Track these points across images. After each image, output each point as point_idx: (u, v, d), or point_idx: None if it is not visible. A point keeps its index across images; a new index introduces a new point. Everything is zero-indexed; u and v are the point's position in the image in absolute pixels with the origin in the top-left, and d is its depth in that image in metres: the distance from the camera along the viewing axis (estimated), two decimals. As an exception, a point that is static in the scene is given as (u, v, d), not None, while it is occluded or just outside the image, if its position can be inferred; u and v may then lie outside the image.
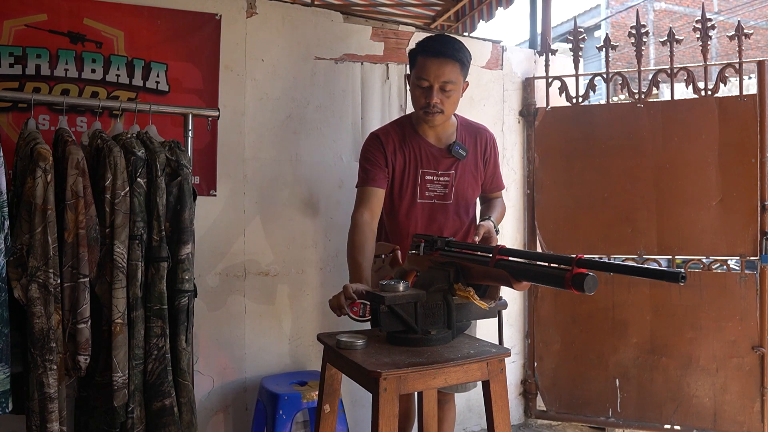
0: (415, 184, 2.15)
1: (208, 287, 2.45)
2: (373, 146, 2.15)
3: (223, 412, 2.51)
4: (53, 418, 1.66)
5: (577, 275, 1.27)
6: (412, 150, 2.15)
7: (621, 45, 3.80)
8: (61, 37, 2.23)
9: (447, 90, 2.03)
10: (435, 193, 2.17)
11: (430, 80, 2.01)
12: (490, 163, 2.25)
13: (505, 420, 1.53)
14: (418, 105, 2.08)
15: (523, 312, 3.18)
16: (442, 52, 2.01)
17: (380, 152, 2.13)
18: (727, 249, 2.82)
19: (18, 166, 1.77)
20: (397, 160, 2.14)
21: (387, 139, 2.15)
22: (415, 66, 2.07)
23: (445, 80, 2.01)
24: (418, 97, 2.06)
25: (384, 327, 1.56)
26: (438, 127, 2.14)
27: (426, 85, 2.03)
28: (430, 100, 2.02)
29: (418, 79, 2.05)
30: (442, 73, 2.00)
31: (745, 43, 2.86)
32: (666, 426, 2.91)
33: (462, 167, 2.18)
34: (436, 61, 2.01)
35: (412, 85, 2.10)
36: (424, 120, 2.10)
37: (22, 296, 1.66)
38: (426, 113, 2.06)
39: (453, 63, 2.02)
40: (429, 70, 2.01)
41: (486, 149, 2.23)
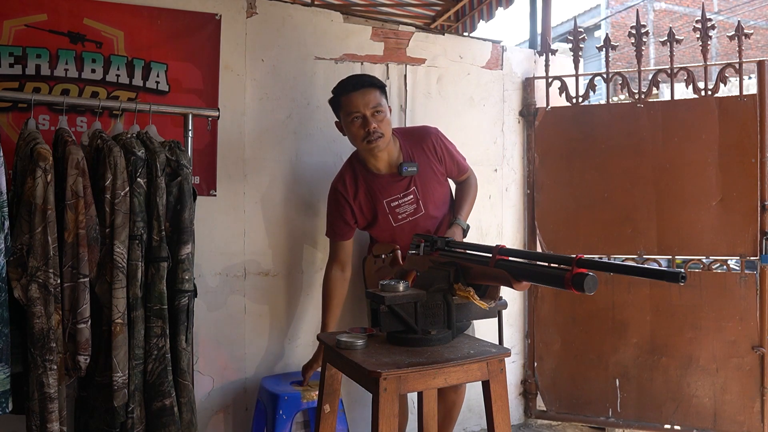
0: (385, 213, 2.28)
1: (208, 287, 2.45)
2: (333, 199, 2.33)
3: (223, 412, 2.51)
4: (53, 418, 1.66)
5: (577, 275, 1.27)
6: (369, 187, 2.28)
7: (621, 45, 3.80)
8: (61, 37, 2.23)
9: (379, 113, 2.16)
10: (406, 212, 2.28)
11: (361, 111, 2.15)
12: (445, 158, 2.33)
13: (505, 420, 1.53)
14: (359, 139, 2.18)
15: (523, 312, 3.18)
16: (361, 83, 2.19)
17: (342, 204, 2.29)
18: (727, 249, 2.82)
19: (18, 166, 1.77)
20: (361, 201, 2.29)
21: (345, 188, 2.29)
22: (341, 107, 2.21)
23: (374, 105, 2.15)
24: (356, 131, 2.17)
25: (384, 327, 1.56)
26: (383, 152, 2.22)
27: (360, 117, 2.15)
28: (368, 127, 2.14)
29: (349, 116, 2.17)
30: (369, 100, 2.15)
31: (745, 43, 2.86)
32: (666, 426, 2.91)
33: (420, 179, 2.28)
34: (359, 93, 2.16)
35: (346, 126, 2.22)
36: (369, 151, 2.20)
37: (22, 296, 1.66)
38: (369, 142, 2.16)
39: (374, 89, 2.18)
40: (356, 102, 2.15)
41: (435, 150, 2.31)
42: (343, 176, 2.33)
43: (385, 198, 2.27)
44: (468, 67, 3.05)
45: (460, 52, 3.04)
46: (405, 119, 2.88)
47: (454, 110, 3.01)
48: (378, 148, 2.18)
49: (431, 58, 2.95)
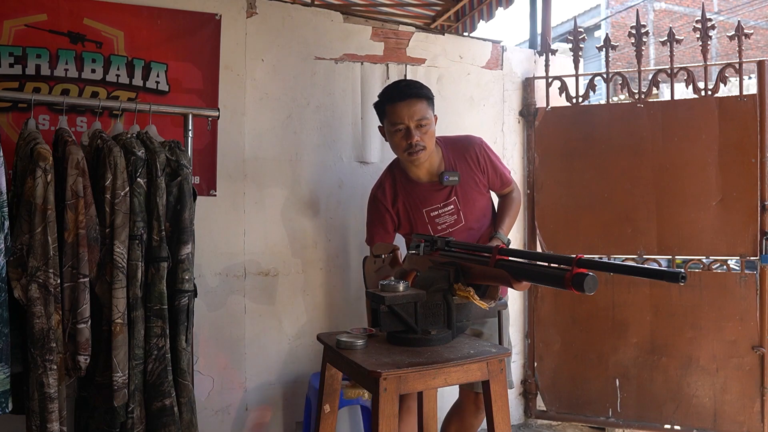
0: (424, 223, 2.20)
1: (208, 287, 2.45)
2: (373, 207, 2.27)
3: (223, 412, 2.51)
4: (53, 418, 1.66)
5: (577, 275, 1.27)
6: (408, 195, 2.21)
7: (621, 45, 3.80)
8: (61, 37, 2.23)
9: (423, 126, 2.09)
10: (446, 223, 2.21)
11: (405, 122, 2.08)
12: (488, 169, 2.26)
13: (505, 420, 1.53)
14: (400, 150, 2.14)
15: (523, 312, 3.18)
16: (408, 94, 2.10)
17: (382, 211, 2.23)
18: (727, 249, 2.82)
19: (18, 166, 1.77)
20: (400, 209, 2.22)
21: (384, 195, 2.24)
22: (386, 115, 2.14)
23: (419, 117, 2.08)
24: (399, 142, 2.11)
25: (384, 327, 1.56)
26: (425, 163, 2.17)
27: (403, 128, 2.09)
28: (410, 140, 2.07)
29: (393, 126, 2.11)
30: (414, 112, 2.07)
31: (745, 43, 2.86)
32: (666, 426, 2.91)
33: (461, 189, 2.20)
34: (405, 103, 2.08)
35: (389, 134, 2.16)
36: (410, 161, 2.15)
37: (22, 296, 1.66)
38: (410, 154, 2.10)
39: (420, 100, 2.10)
40: (401, 113, 2.08)
41: (479, 161, 2.24)
42: (383, 183, 2.27)
43: (425, 207, 2.20)
44: (468, 67, 3.05)
45: (460, 52, 3.04)
46: (405, 119, 2.88)
47: (454, 110, 3.01)
48: (419, 161, 2.13)
49: (431, 58, 2.95)
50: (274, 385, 2.61)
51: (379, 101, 2.19)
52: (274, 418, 2.62)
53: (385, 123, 2.18)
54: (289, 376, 2.63)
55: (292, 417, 2.65)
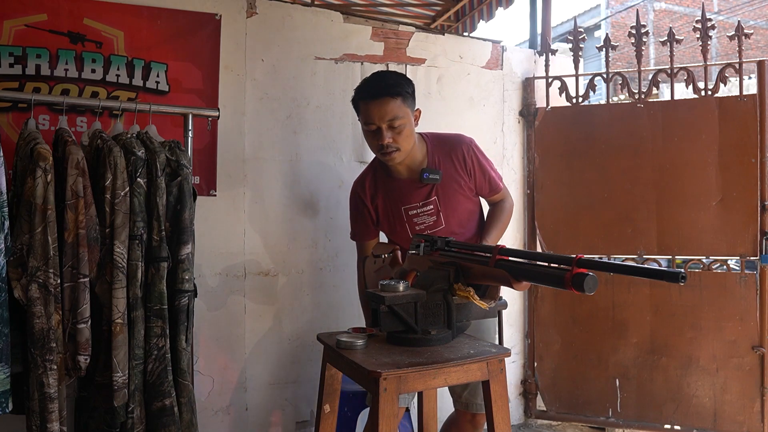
0: (402, 222, 2.13)
1: (208, 287, 2.45)
2: (352, 202, 2.24)
3: (223, 412, 2.51)
4: (53, 418, 1.66)
5: (577, 275, 1.27)
6: (387, 191, 2.14)
7: (621, 45, 3.80)
8: (61, 37, 2.23)
9: (396, 126, 1.98)
10: (425, 224, 2.12)
11: (375, 122, 1.98)
12: (475, 171, 2.15)
13: (505, 420, 1.53)
14: (374, 149, 2.07)
15: (523, 312, 3.18)
16: (377, 93, 1.99)
17: (360, 207, 2.19)
18: (727, 249, 2.82)
19: (18, 166, 1.77)
20: (378, 205, 2.16)
21: (363, 189, 2.18)
22: (360, 113, 2.06)
23: (390, 118, 1.97)
24: (371, 142, 2.05)
25: (384, 327, 1.56)
26: (405, 160, 2.07)
27: (374, 128, 2.00)
28: (381, 141, 1.98)
29: (365, 125, 2.03)
30: (385, 112, 1.97)
31: (745, 43, 2.86)
32: (666, 426, 2.91)
33: (443, 190, 2.10)
34: (376, 102, 1.98)
35: (363, 132, 2.08)
36: (386, 162, 2.07)
37: (22, 296, 1.66)
38: (383, 154, 2.03)
39: (392, 99, 1.98)
40: (371, 113, 1.99)
41: (465, 161, 2.13)
42: (364, 178, 2.21)
43: (404, 205, 2.11)
44: (468, 67, 3.05)
45: (460, 52, 3.04)
46: (405, 119, 2.88)
47: (454, 110, 3.01)
48: (393, 161, 2.04)
49: (431, 58, 2.95)
50: (274, 385, 2.61)
51: (354, 97, 2.08)
52: (274, 418, 2.62)
53: (360, 120, 2.09)
54: (289, 376, 2.63)
55: (292, 417, 2.65)
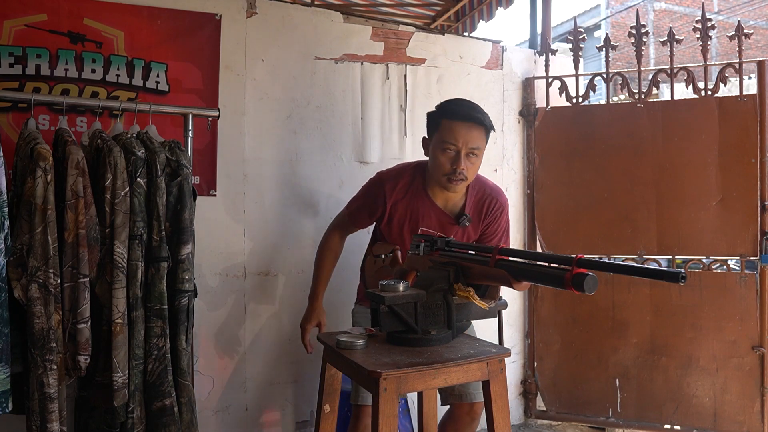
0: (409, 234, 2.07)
1: (208, 287, 2.45)
2: (374, 191, 2.11)
3: (223, 412, 2.51)
4: (53, 418, 1.66)
5: (577, 275, 1.27)
6: (416, 208, 2.07)
7: (621, 45, 3.80)
8: (61, 37, 2.23)
9: (474, 155, 1.95)
10: None
11: (458, 146, 1.92)
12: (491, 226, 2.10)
13: (505, 420, 1.53)
14: (441, 171, 1.96)
15: (523, 312, 3.18)
16: (471, 117, 1.94)
17: (379, 199, 2.08)
18: (727, 249, 2.82)
19: (18, 166, 1.77)
20: (397, 211, 2.08)
21: (392, 191, 2.07)
22: (439, 129, 1.97)
23: (474, 146, 1.93)
24: (443, 163, 1.94)
25: (384, 327, 1.56)
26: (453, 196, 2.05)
27: (453, 151, 1.93)
28: (457, 166, 1.92)
29: (443, 143, 1.94)
30: (471, 138, 1.92)
31: (745, 43, 2.86)
32: (666, 426, 2.91)
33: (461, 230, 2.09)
34: (465, 125, 1.92)
35: (435, 150, 1.98)
36: (446, 187, 1.98)
37: (22, 296, 1.66)
38: (450, 180, 1.95)
39: (480, 128, 1.95)
40: (458, 134, 1.92)
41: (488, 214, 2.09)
42: (398, 179, 2.08)
43: (423, 225, 2.07)
44: (468, 67, 3.06)
45: (460, 52, 3.04)
46: (405, 119, 2.88)
47: (454, 110, 3.01)
48: (453, 189, 1.99)
49: (431, 58, 2.95)
50: (274, 385, 2.61)
51: (436, 113, 2.01)
52: (274, 418, 2.62)
53: (434, 136, 2.00)
54: (289, 377, 2.63)
55: (292, 417, 2.65)
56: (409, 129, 2.90)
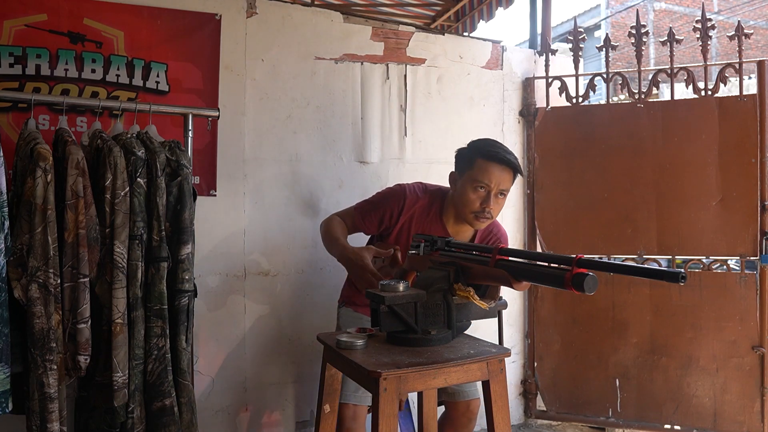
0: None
1: (208, 287, 2.45)
2: (393, 199, 2.13)
3: (223, 412, 2.51)
4: (53, 418, 1.66)
5: (577, 275, 1.27)
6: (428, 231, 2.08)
7: (621, 45, 3.80)
8: (61, 37, 2.23)
9: (501, 196, 2.02)
10: None
11: (491, 186, 1.98)
12: None
13: (505, 420, 1.53)
14: (470, 208, 2.01)
15: (523, 312, 3.18)
16: (507, 161, 2.00)
17: (396, 209, 2.11)
18: (727, 249, 2.82)
19: (18, 166, 1.77)
20: (411, 227, 2.12)
21: (412, 206, 2.11)
22: (473, 167, 2.01)
23: (504, 188, 2.01)
24: (473, 200, 2.00)
25: (384, 327, 1.56)
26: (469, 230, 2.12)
27: (484, 190, 1.99)
28: (486, 206, 1.98)
29: (475, 182, 1.99)
30: (503, 180, 1.99)
31: (745, 43, 2.86)
32: (666, 426, 2.91)
33: None
34: (500, 167, 1.99)
35: (464, 186, 2.02)
36: (471, 223, 2.05)
37: (22, 296, 1.66)
38: (477, 218, 2.01)
39: (512, 173, 2.02)
40: (492, 175, 1.98)
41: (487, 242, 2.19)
42: (420, 198, 2.13)
43: None
44: (468, 67, 3.06)
45: (460, 52, 3.04)
46: (405, 119, 2.88)
47: (454, 110, 3.01)
48: (478, 227, 2.07)
49: (431, 58, 2.95)
50: (274, 385, 2.61)
51: (471, 151, 2.06)
52: (274, 418, 2.62)
53: (465, 173, 2.04)
54: (289, 377, 2.63)
55: (292, 417, 2.65)
56: (409, 129, 2.90)
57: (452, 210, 2.11)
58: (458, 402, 2.10)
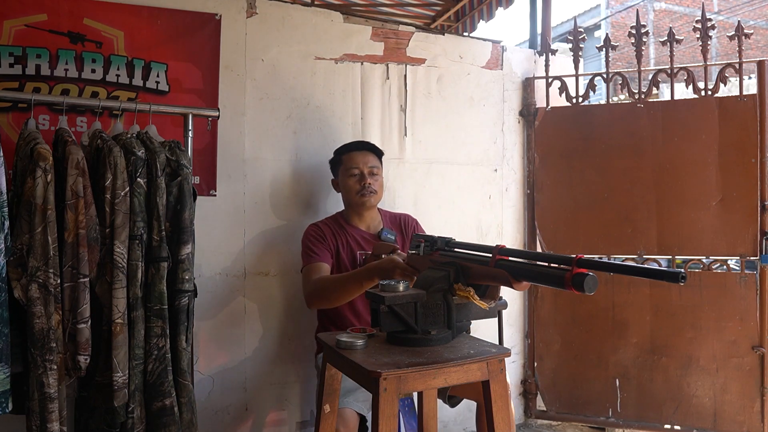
0: (354, 266, 2.30)
1: (208, 287, 2.45)
2: (312, 233, 2.35)
3: (223, 412, 2.51)
4: (53, 418, 1.66)
5: (577, 275, 1.27)
6: (347, 236, 2.37)
7: (621, 45, 3.80)
8: (61, 37, 2.23)
9: (375, 174, 2.39)
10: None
11: (360, 168, 2.38)
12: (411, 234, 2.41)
13: (506, 420, 1.53)
14: (353, 192, 2.36)
15: (523, 312, 3.18)
16: (363, 146, 2.45)
17: (321, 236, 2.33)
18: (727, 249, 2.82)
19: (18, 166, 1.77)
20: (335, 245, 2.34)
21: (324, 228, 2.37)
22: (342, 163, 2.42)
23: (372, 165, 2.39)
24: (353, 185, 2.37)
25: (384, 327, 1.56)
26: (367, 213, 2.41)
27: (357, 173, 2.37)
28: (364, 182, 2.35)
29: (348, 171, 2.38)
30: (368, 160, 2.40)
31: (745, 43, 2.86)
32: (666, 426, 2.91)
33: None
34: (361, 153, 2.41)
35: (343, 180, 2.40)
36: (361, 203, 2.36)
37: (22, 296, 1.66)
38: (362, 195, 2.34)
39: (374, 154, 2.44)
40: (357, 160, 2.39)
41: (408, 226, 2.49)
42: (325, 223, 2.40)
43: (359, 250, 2.36)
44: (468, 67, 3.06)
45: (460, 52, 3.04)
46: (405, 119, 2.88)
47: (454, 110, 3.01)
48: (369, 203, 2.36)
49: (431, 58, 2.95)
50: (274, 385, 2.61)
51: (335, 156, 2.46)
52: (274, 418, 2.62)
53: (340, 172, 2.42)
54: (288, 377, 2.63)
55: (292, 417, 2.65)
56: (409, 129, 2.90)
57: (349, 208, 2.44)
58: None
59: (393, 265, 1.82)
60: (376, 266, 1.89)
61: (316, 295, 2.13)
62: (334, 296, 2.08)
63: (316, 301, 2.15)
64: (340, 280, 2.07)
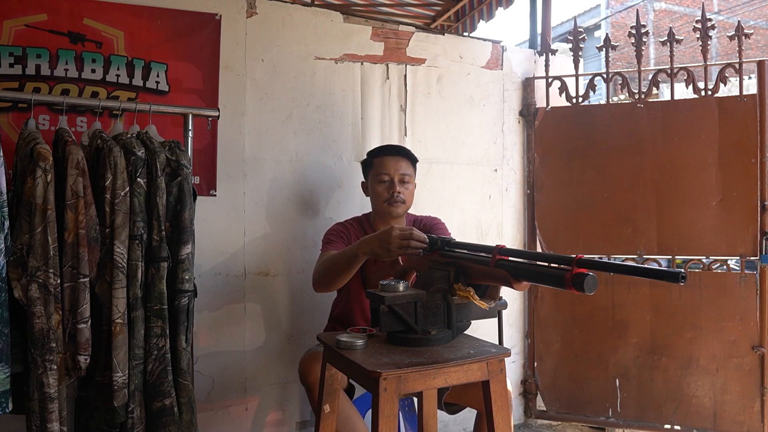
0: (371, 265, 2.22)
1: (208, 287, 2.45)
2: (336, 228, 2.33)
3: (223, 412, 2.51)
4: (53, 418, 1.66)
5: (577, 275, 1.27)
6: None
7: (621, 45, 3.80)
8: (61, 37, 2.23)
9: (405, 182, 2.29)
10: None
11: (390, 174, 2.28)
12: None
13: (506, 420, 1.53)
14: (381, 199, 2.28)
15: (523, 312, 3.18)
16: (397, 151, 2.34)
17: (344, 233, 2.30)
18: (727, 249, 2.82)
19: (18, 166, 1.77)
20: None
21: (349, 227, 2.33)
22: (373, 167, 2.33)
23: (404, 173, 2.29)
24: (381, 192, 2.28)
25: (384, 327, 1.56)
26: (396, 220, 2.29)
27: (387, 180, 2.28)
28: (393, 190, 2.25)
29: (378, 176, 2.29)
30: (400, 167, 2.29)
31: (745, 43, 2.86)
32: (666, 426, 2.91)
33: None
34: (393, 158, 2.31)
35: (372, 184, 2.32)
36: (388, 211, 2.26)
37: (22, 296, 1.66)
38: (390, 204, 2.25)
39: (407, 160, 2.33)
40: (388, 166, 2.29)
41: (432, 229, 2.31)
42: (350, 224, 2.35)
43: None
44: (468, 67, 3.06)
45: (460, 52, 3.04)
46: (405, 119, 2.88)
47: (454, 110, 3.01)
48: (396, 212, 2.26)
49: (431, 58, 2.95)
50: (274, 385, 2.61)
51: (367, 157, 2.39)
52: (274, 418, 2.62)
53: (370, 175, 2.34)
54: (289, 377, 2.63)
55: (292, 417, 2.65)
56: (409, 129, 2.90)
57: (375, 213, 2.36)
58: None
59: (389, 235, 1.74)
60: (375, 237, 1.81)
61: (317, 273, 2.12)
62: (331, 271, 2.03)
63: (317, 279, 2.13)
64: (337, 256, 2.02)
